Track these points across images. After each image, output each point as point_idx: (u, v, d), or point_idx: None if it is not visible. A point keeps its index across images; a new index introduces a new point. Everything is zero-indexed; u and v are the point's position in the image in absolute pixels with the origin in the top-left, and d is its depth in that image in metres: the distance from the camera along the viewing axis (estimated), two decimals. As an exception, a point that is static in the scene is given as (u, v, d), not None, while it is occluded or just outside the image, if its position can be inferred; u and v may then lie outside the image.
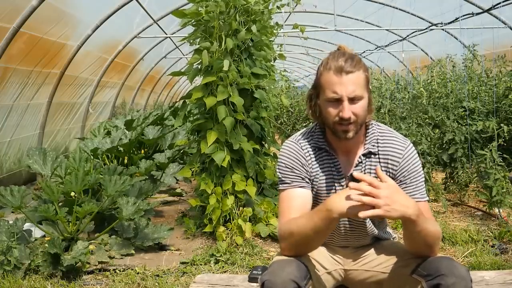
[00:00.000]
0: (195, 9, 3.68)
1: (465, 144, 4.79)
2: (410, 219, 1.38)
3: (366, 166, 1.62)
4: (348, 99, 1.49)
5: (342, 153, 1.64)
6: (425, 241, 1.47)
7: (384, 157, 1.61)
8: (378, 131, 1.64)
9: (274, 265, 1.48)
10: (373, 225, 1.70)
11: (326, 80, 1.51)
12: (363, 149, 1.62)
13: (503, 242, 3.55)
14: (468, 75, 5.68)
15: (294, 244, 1.52)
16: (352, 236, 1.72)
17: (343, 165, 1.63)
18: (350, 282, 1.75)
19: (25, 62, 5.49)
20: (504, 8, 6.82)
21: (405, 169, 1.59)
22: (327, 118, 1.54)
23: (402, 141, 1.62)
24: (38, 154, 4.38)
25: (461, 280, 1.38)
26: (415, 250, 1.53)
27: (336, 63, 1.49)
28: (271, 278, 1.43)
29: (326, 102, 1.53)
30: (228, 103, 3.68)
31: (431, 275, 1.42)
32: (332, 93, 1.50)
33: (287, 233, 1.53)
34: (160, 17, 7.87)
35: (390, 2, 8.47)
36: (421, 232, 1.43)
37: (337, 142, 1.62)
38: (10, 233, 3.36)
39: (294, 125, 10.33)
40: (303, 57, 15.12)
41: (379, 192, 1.33)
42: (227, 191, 3.74)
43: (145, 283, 3.02)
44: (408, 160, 1.60)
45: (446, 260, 1.44)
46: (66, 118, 7.36)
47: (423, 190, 1.60)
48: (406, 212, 1.36)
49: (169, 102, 16.28)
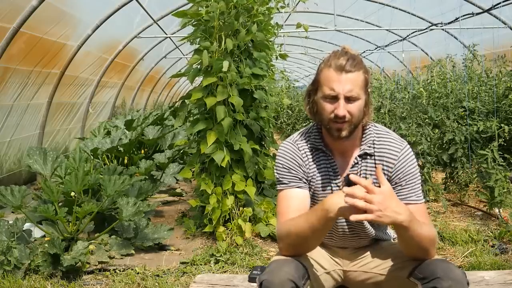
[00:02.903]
0: (195, 9, 3.68)
1: (465, 144, 4.79)
2: (402, 225, 1.39)
3: (362, 167, 1.62)
4: (345, 98, 1.50)
5: (339, 154, 1.64)
6: (419, 245, 1.47)
7: (380, 158, 1.61)
8: (375, 132, 1.64)
9: (272, 265, 1.49)
10: (372, 226, 1.70)
11: (325, 77, 1.52)
12: (359, 150, 1.62)
13: (503, 242, 3.55)
14: (468, 75, 5.69)
15: (292, 244, 1.53)
16: (351, 237, 1.71)
17: (339, 166, 1.63)
18: (350, 283, 1.75)
19: (25, 62, 5.49)
20: (504, 8, 6.82)
21: (400, 171, 1.58)
22: (323, 115, 1.55)
23: (398, 143, 1.61)
24: (38, 154, 4.37)
25: (456, 283, 1.38)
26: (410, 253, 1.53)
27: (337, 61, 1.50)
28: (269, 277, 1.43)
29: (323, 99, 1.53)
30: (228, 103, 3.68)
31: (427, 278, 1.42)
32: (329, 90, 1.50)
33: (285, 233, 1.53)
34: (160, 17, 7.87)
35: (390, 2, 8.47)
36: (415, 237, 1.43)
37: (333, 142, 1.62)
38: (10, 233, 3.36)
39: (294, 125, 10.34)
40: (303, 57, 15.11)
41: (372, 197, 1.34)
42: (227, 191, 3.74)
43: (145, 283, 3.02)
44: (404, 162, 1.59)
45: (442, 263, 1.44)
46: (66, 118, 7.36)
47: (419, 192, 1.59)
48: (397, 218, 1.37)
49: (169, 102, 16.28)
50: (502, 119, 5.12)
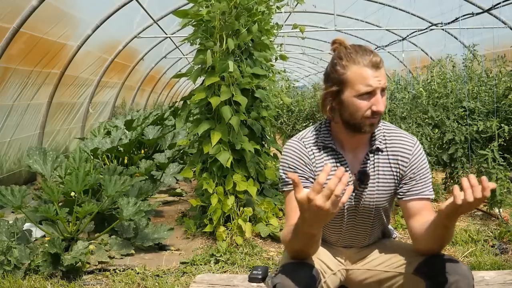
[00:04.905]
0: (196, 9, 3.68)
1: (465, 144, 4.79)
2: (458, 215, 1.36)
3: (374, 162, 1.61)
4: (381, 92, 1.50)
5: (350, 150, 1.62)
6: (447, 239, 1.47)
7: (394, 154, 1.61)
8: (384, 127, 1.64)
9: (286, 268, 1.46)
10: (377, 222, 1.70)
11: (357, 75, 1.49)
12: (369, 145, 1.62)
13: (503, 242, 3.55)
14: (468, 75, 5.68)
15: (290, 252, 1.52)
16: (354, 235, 1.71)
17: (350, 163, 1.62)
18: (350, 282, 1.74)
19: (25, 62, 5.49)
20: (504, 8, 6.82)
21: (415, 166, 1.59)
22: (356, 113, 1.51)
23: (410, 138, 1.63)
24: (38, 154, 4.37)
25: (463, 278, 1.38)
26: (430, 246, 1.50)
27: (368, 57, 1.49)
28: (284, 281, 1.41)
29: (356, 97, 1.50)
30: (231, 103, 3.68)
31: (433, 274, 1.42)
32: (365, 87, 1.48)
33: (283, 241, 1.54)
34: (160, 17, 7.87)
35: (390, 2, 8.47)
36: (451, 229, 1.42)
37: (348, 138, 1.60)
38: (10, 233, 3.36)
39: (294, 125, 10.33)
40: (303, 57, 15.11)
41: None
42: (228, 191, 3.74)
43: (145, 283, 3.02)
44: (418, 157, 1.60)
45: (448, 259, 1.44)
46: (66, 118, 7.36)
47: (431, 186, 1.60)
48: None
49: (169, 102, 16.28)
50: (502, 119, 5.12)
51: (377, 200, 1.63)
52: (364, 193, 1.62)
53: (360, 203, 1.63)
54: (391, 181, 1.61)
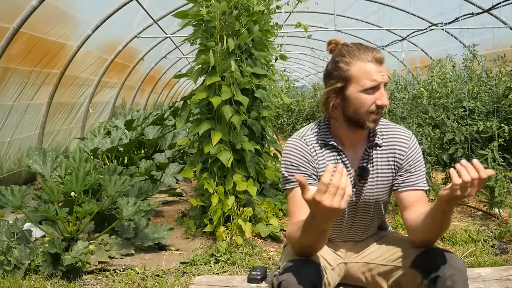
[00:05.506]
0: (196, 9, 3.68)
1: (465, 144, 4.79)
2: (457, 201, 1.39)
3: (374, 157, 1.64)
4: (383, 87, 1.54)
5: (349, 147, 1.64)
6: (444, 229, 1.49)
7: (391, 148, 1.65)
8: (380, 123, 1.67)
9: (290, 265, 1.47)
10: (376, 216, 1.72)
11: (362, 71, 1.52)
12: (367, 141, 1.65)
13: (503, 242, 3.55)
14: (468, 75, 5.68)
15: (296, 249, 1.52)
16: (353, 230, 1.73)
17: (350, 159, 1.64)
18: (348, 277, 1.74)
19: (25, 62, 5.49)
20: (504, 8, 6.82)
21: (411, 159, 1.64)
22: (361, 108, 1.54)
23: (406, 132, 1.68)
24: (38, 154, 4.37)
25: (459, 272, 1.40)
26: (427, 236, 1.51)
27: (371, 54, 1.53)
28: (289, 279, 1.41)
29: (361, 92, 1.53)
30: (232, 102, 3.68)
31: (429, 267, 1.44)
32: (370, 82, 1.51)
33: (289, 238, 1.54)
34: (160, 17, 7.87)
35: (390, 2, 8.47)
36: (448, 217, 1.44)
37: (348, 135, 1.62)
38: (10, 233, 3.36)
39: (294, 125, 10.35)
40: (303, 57, 15.12)
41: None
42: (228, 191, 3.74)
43: (145, 283, 3.02)
44: (414, 149, 1.65)
45: (444, 252, 1.46)
46: (66, 118, 7.37)
47: (425, 179, 1.65)
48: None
49: (169, 102, 16.28)
50: (502, 119, 5.12)
51: (377, 194, 1.66)
52: (364, 188, 1.65)
53: (360, 198, 1.66)
54: (389, 175, 1.65)
